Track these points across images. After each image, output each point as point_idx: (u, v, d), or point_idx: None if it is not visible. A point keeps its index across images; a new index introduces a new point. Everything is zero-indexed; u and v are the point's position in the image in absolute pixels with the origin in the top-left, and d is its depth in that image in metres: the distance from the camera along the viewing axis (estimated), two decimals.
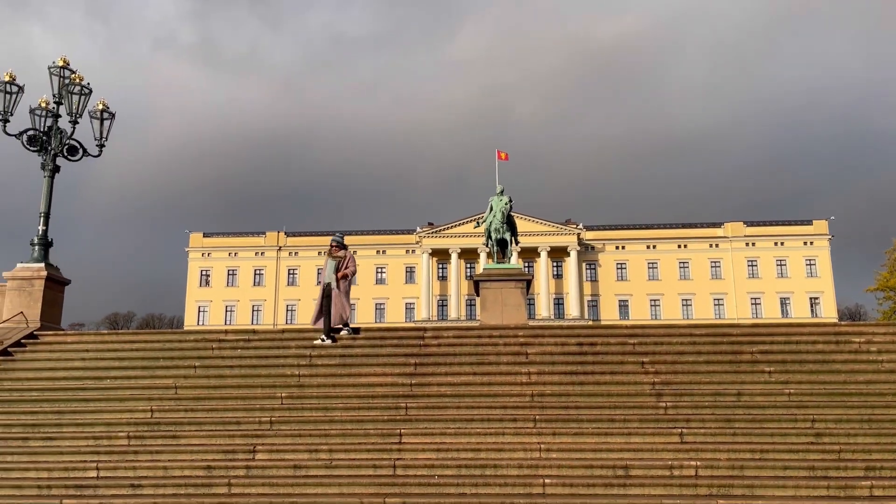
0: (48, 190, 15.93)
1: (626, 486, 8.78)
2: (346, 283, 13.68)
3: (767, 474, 8.98)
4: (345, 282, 13.64)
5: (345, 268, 13.64)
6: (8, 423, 11.03)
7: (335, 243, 13.96)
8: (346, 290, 13.71)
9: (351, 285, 14.11)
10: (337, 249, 13.85)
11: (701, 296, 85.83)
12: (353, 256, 14.01)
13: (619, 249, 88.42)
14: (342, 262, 13.69)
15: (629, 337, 13.33)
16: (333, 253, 13.86)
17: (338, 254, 13.79)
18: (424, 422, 10.56)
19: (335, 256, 13.78)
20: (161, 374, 12.45)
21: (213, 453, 9.94)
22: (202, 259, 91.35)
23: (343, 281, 13.59)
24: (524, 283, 22.56)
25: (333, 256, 13.81)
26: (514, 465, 9.35)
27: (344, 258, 13.74)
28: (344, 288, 13.66)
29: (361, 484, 9.08)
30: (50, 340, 14.23)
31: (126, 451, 10.11)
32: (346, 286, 13.74)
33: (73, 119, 15.91)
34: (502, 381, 11.86)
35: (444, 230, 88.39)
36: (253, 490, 9.08)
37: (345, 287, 13.68)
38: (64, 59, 16.02)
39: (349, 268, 13.70)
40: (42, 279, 15.23)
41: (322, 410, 11.00)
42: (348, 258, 13.81)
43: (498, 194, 24.31)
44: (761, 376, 11.67)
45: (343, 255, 13.79)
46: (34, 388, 12.26)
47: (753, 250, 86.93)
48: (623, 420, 10.37)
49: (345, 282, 13.64)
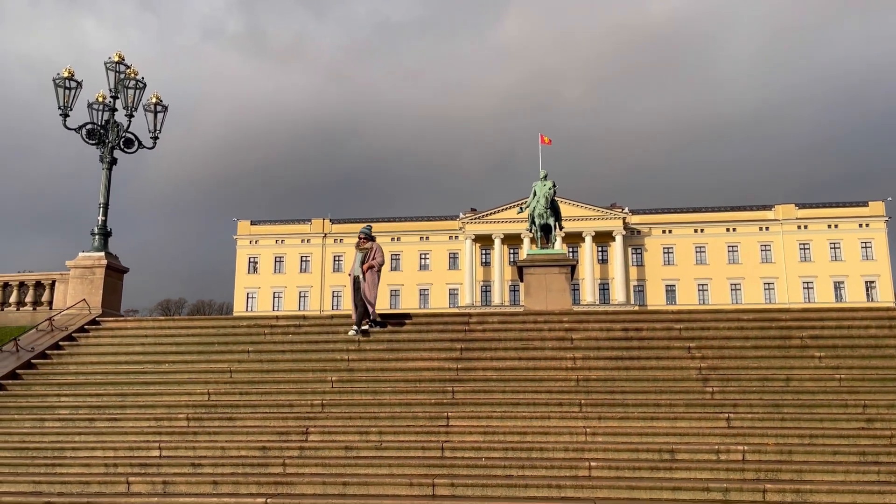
0: (106, 182, 16.57)
1: (672, 470, 8.83)
2: (372, 274, 13.42)
3: (816, 459, 8.93)
4: (371, 273, 13.39)
5: (371, 259, 13.42)
6: (75, 405, 11.62)
7: (363, 235, 13.75)
8: (372, 282, 13.41)
9: (380, 277, 13.75)
10: (364, 241, 13.62)
11: (750, 280, 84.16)
12: (380, 248, 13.74)
13: (666, 233, 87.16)
14: (369, 254, 13.48)
15: (675, 322, 13.29)
16: (361, 245, 13.64)
17: (365, 245, 13.57)
18: (471, 405, 10.75)
19: (362, 248, 13.57)
20: (216, 359, 12.91)
21: (267, 434, 10.31)
22: (250, 246, 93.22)
23: (370, 272, 13.36)
24: (568, 268, 22.56)
25: (361, 248, 13.60)
26: (559, 449, 9.48)
27: (371, 249, 13.52)
28: (371, 280, 13.39)
29: (410, 465, 9.33)
30: (111, 326, 14.86)
31: (186, 432, 10.55)
32: (374, 278, 13.46)
33: (129, 112, 16.50)
34: (547, 366, 11.97)
35: (487, 216, 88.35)
36: (306, 470, 9.40)
37: (371, 279, 13.40)
38: (119, 55, 16.59)
39: (376, 259, 13.45)
40: (103, 267, 15.89)
41: (371, 394, 11.29)
42: (375, 249, 13.56)
43: (541, 179, 24.28)
44: (811, 361, 11.54)
45: (370, 246, 13.56)
46: (98, 371, 12.85)
47: (805, 233, 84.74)
48: (669, 405, 10.40)
49: (371, 273, 13.39)
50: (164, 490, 9.11)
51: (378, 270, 13.55)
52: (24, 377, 12.72)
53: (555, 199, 24.18)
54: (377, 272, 13.53)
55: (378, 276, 13.61)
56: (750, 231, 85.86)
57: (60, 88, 16.02)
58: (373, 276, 13.43)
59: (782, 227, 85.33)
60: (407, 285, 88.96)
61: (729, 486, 8.34)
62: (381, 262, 13.54)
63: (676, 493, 8.33)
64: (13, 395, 12.15)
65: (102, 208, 16.58)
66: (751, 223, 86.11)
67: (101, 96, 16.63)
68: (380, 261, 13.52)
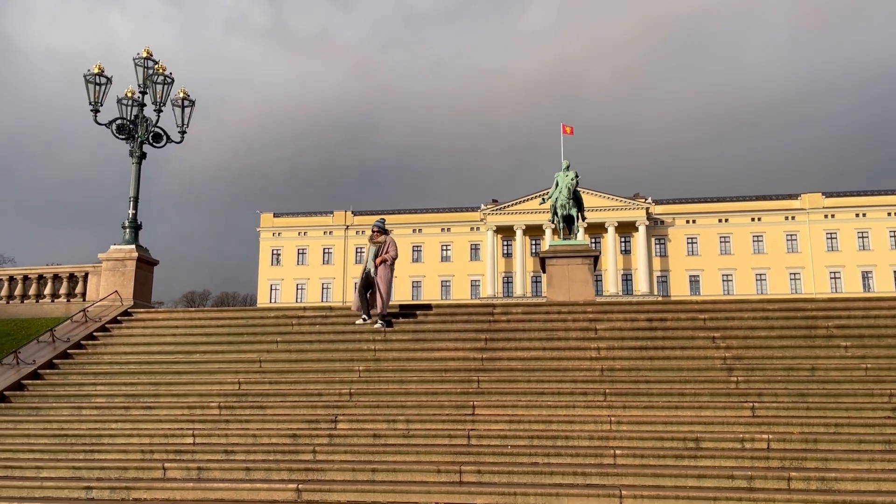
0: (136, 176, 16.90)
1: (697, 458, 8.91)
2: (385, 268, 13.21)
3: (841, 448, 8.96)
4: (384, 267, 13.19)
5: (384, 252, 13.22)
6: (111, 394, 11.95)
7: (376, 228, 13.56)
8: (385, 277, 13.19)
9: (393, 271, 13.59)
10: (378, 234, 13.44)
11: (776, 270, 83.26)
12: (393, 241, 13.49)
13: (690, 223, 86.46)
14: (382, 248, 13.27)
15: (700, 312, 13.32)
16: (374, 238, 13.43)
17: (378, 239, 13.38)
18: (496, 395, 10.90)
19: (376, 242, 13.37)
20: (246, 349, 13.19)
21: (297, 422, 10.55)
22: (273, 239, 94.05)
23: (383, 266, 13.17)
24: (591, 259, 22.58)
25: (374, 242, 13.39)
26: (584, 437, 9.60)
27: (384, 243, 13.31)
28: (383, 274, 13.18)
29: (437, 452, 9.50)
30: (143, 317, 15.21)
31: (218, 420, 10.82)
32: (387, 272, 13.24)
33: (158, 108, 16.80)
34: (572, 356, 12.08)
35: (509, 207, 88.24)
36: (336, 457, 9.61)
37: (384, 273, 13.19)
38: (147, 51, 16.87)
39: (389, 252, 13.23)
40: (134, 260, 16.24)
41: (398, 383, 11.48)
42: (388, 243, 13.32)
43: (564, 170, 24.27)
44: (837, 351, 11.52)
45: (384, 240, 13.36)
46: (132, 361, 13.19)
47: (832, 222, 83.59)
48: (693, 394, 10.46)
49: (384, 267, 13.19)
50: (198, 476, 9.38)
51: (391, 265, 13.34)
52: (60, 366, 13.10)
53: (577, 189, 24.15)
54: (390, 266, 13.34)
55: (391, 271, 13.41)
56: (775, 221, 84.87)
57: (91, 84, 16.36)
58: (386, 270, 13.21)
59: (809, 217, 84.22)
60: (429, 277, 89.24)
61: (753, 473, 8.40)
62: (394, 255, 13.33)
63: (701, 480, 8.41)
64: (51, 383, 12.52)
65: (132, 202, 16.92)
66: (776, 212, 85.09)
67: (129, 91, 16.94)
68: (393, 254, 13.30)
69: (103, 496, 9.05)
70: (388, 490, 8.63)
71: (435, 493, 8.49)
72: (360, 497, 8.57)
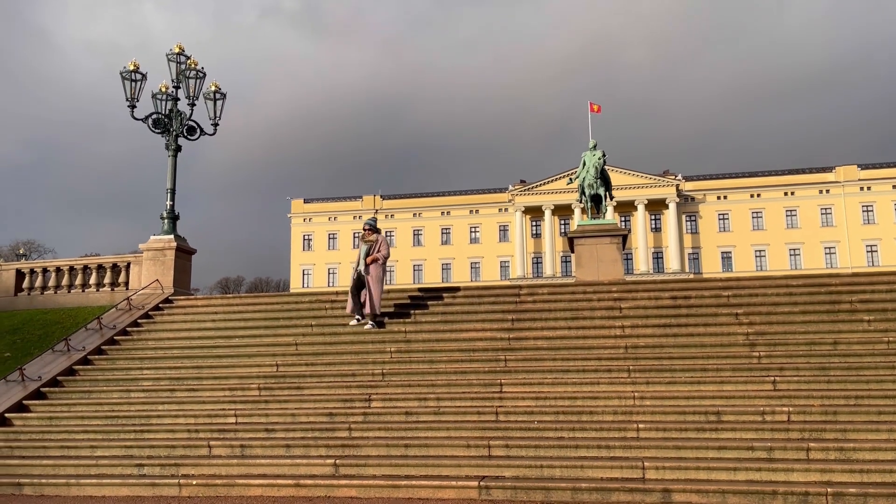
0: (173, 168, 17.52)
1: (718, 431, 9.19)
2: (377, 267, 13.02)
3: (861, 419, 9.16)
4: (376, 266, 12.99)
5: (376, 251, 13.04)
6: (157, 378, 12.59)
7: (367, 227, 13.34)
8: (377, 276, 12.99)
9: (384, 271, 13.43)
10: (369, 233, 13.26)
11: (810, 245, 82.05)
12: (385, 240, 13.31)
13: (721, 199, 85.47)
14: (374, 246, 13.10)
15: (723, 289, 13.51)
16: (366, 237, 13.22)
17: (370, 237, 13.19)
18: (523, 373, 11.28)
19: (367, 240, 13.17)
20: (282, 333, 13.74)
21: (333, 402, 11.05)
22: (304, 224, 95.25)
23: (374, 265, 12.98)
24: (620, 238, 22.71)
25: (366, 240, 13.19)
26: (609, 412, 9.93)
27: (376, 242, 13.12)
28: (375, 273, 12.98)
29: (467, 428, 9.92)
30: (183, 304, 15.86)
31: (258, 401, 11.38)
32: (378, 271, 13.04)
33: (191, 101, 17.35)
34: (596, 334, 12.39)
35: (537, 187, 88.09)
36: (370, 434, 10.10)
37: (376, 272, 12.99)
38: (179, 46, 17.40)
39: (381, 251, 13.05)
40: (173, 249, 16.89)
41: (427, 363, 11.91)
42: (380, 242, 13.14)
43: (591, 149, 24.38)
44: (860, 325, 11.66)
45: (375, 238, 13.17)
46: (174, 346, 13.83)
47: (869, 195, 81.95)
48: (716, 369, 10.71)
49: (376, 266, 12.99)
50: (242, 453, 9.94)
51: (383, 264, 13.19)
52: (108, 352, 13.79)
53: (605, 168, 24.26)
54: (382, 265, 13.17)
55: (383, 270, 13.25)
56: (809, 194, 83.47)
57: (127, 81, 16.95)
58: (377, 269, 13.02)
59: (844, 190, 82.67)
60: (458, 259, 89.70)
61: (773, 445, 8.66)
62: (385, 254, 13.16)
63: (721, 451, 8.70)
64: (100, 368, 13.21)
65: (170, 193, 17.54)
66: (810, 186, 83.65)
67: (163, 87, 17.51)
68: (385, 253, 13.14)
69: (154, 472, 9.65)
70: (421, 464, 9.08)
71: (465, 467, 8.92)
72: (395, 471, 9.04)
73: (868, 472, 7.96)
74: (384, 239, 13.37)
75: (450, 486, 8.47)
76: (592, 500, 8.06)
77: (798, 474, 8.07)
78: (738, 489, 7.83)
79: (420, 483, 8.60)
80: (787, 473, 8.11)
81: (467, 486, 8.40)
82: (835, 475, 7.99)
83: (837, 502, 7.52)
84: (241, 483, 9.08)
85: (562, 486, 8.26)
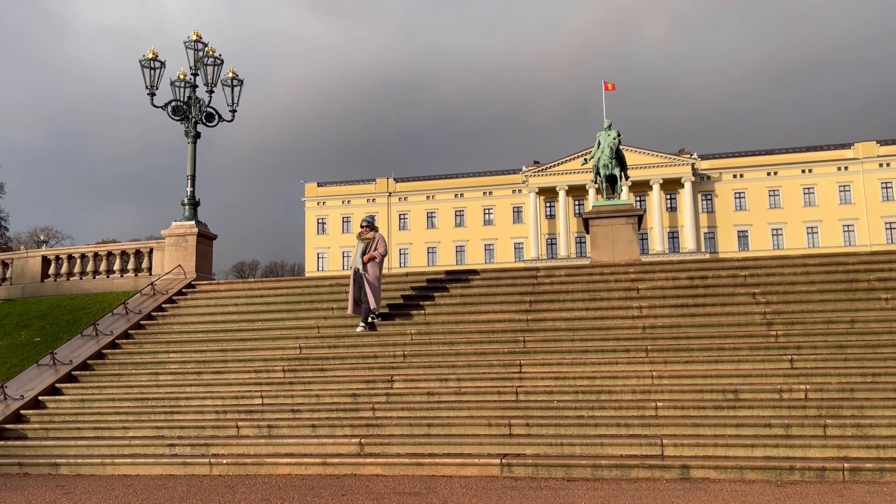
0: (192, 155, 17.74)
1: (736, 409, 9.34)
2: (374, 265, 12.90)
3: (878, 396, 9.28)
4: (373, 264, 12.87)
5: (372, 250, 12.92)
6: (183, 361, 12.90)
7: (365, 224, 13.24)
8: (375, 274, 12.87)
9: (381, 269, 13.22)
10: (367, 230, 13.13)
11: (828, 223, 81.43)
12: (382, 238, 13.21)
13: (737, 178, 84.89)
14: (371, 244, 12.99)
15: (740, 269, 13.58)
16: (363, 234, 13.09)
17: (367, 235, 13.05)
18: (542, 353, 11.46)
19: (364, 238, 13.04)
20: (304, 316, 13.99)
21: (356, 383, 11.31)
22: (318, 208, 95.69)
23: (371, 263, 12.85)
24: (635, 218, 22.72)
25: (363, 238, 13.06)
26: (627, 391, 10.11)
27: (373, 240, 13.01)
28: (373, 271, 12.85)
29: (487, 408, 10.14)
30: (206, 289, 16.15)
31: (283, 382, 11.65)
32: (375, 269, 12.91)
33: (210, 88, 17.52)
34: (614, 315, 12.54)
35: (551, 168, 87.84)
36: (394, 414, 10.34)
37: (373, 270, 12.86)
38: (197, 34, 17.54)
39: (378, 249, 12.95)
40: (194, 235, 17.17)
41: (448, 345, 12.12)
42: (378, 240, 13.04)
43: (605, 129, 24.32)
44: (877, 303, 11.72)
45: (372, 236, 13.05)
46: (199, 330, 14.13)
47: (888, 171, 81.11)
48: (733, 348, 10.84)
49: (373, 264, 12.87)
50: (269, 433, 10.22)
51: (380, 262, 13.09)
52: (135, 336, 14.12)
53: (619, 148, 24.18)
54: (379, 263, 13.06)
55: (380, 269, 13.15)
56: (827, 172, 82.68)
57: (146, 69, 17.15)
58: (374, 267, 12.93)
59: (862, 166, 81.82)
60: (472, 241, 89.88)
61: (790, 422, 8.81)
62: (383, 252, 13.05)
63: (739, 429, 8.86)
64: (128, 352, 13.55)
65: (190, 179, 17.78)
66: (828, 163, 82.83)
67: (182, 74, 17.68)
68: (382, 251, 13.02)
69: (185, 452, 9.95)
70: (443, 443, 9.31)
71: (486, 445, 9.14)
72: (418, 449, 9.27)
73: (885, 448, 8.10)
74: (382, 237, 13.30)
75: (472, 463, 8.70)
76: (612, 477, 8.26)
77: (815, 450, 8.23)
78: (755, 465, 8.00)
79: (443, 461, 8.83)
80: (805, 450, 8.27)
81: (489, 464, 8.62)
82: (851, 451, 8.14)
83: (854, 477, 7.68)
84: (270, 462, 9.37)
85: (582, 463, 8.46)
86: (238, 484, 8.70)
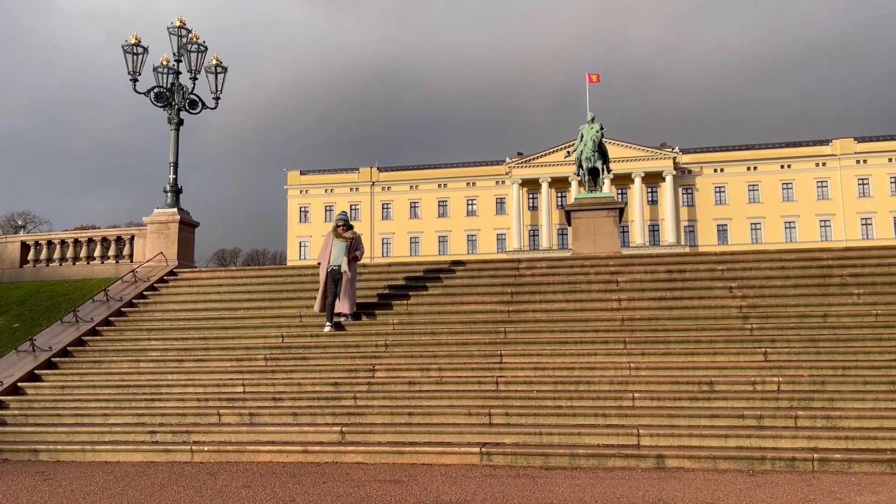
0: (175, 142, 17.64)
1: (711, 399, 9.56)
2: (355, 265, 12.97)
3: (848, 389, 9.54)
4: (354, 265, 12.92)
5: (356, 250, 12.85)
6: (165, 348, 12.90)
7: (341, 222, 13.00)
8: (355, 275, 12.99)
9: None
10: (344, 229, 12.94)
11: (806, 218, 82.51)
12: (359, 237, 13.21)
13: (718, 172, 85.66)
14: (352, 244, 12.85)
15: (718, 263, 13.82)
16: (342, 233, 12.88)
17: (346, 234, 12.90)
18: (522, 344, 11.61)
19: (344, 237, 12.85)
20: (286, 305, 14.04)
21: (338, 372, 11.39)
22: (300, 196, 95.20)
23: (353, 264, 12.88)
24: (616, 211, 22.88)
25: (343, 237, 12.85)
26: (605, 382, 10.29)
27: (354, 239, 12.94)
28: (354, 272, 12.92)
29: (468, 397, 10.27)
30: (188, 277, 16.12)
31: (265, 371, 11.71)
32: (355, 269, 13.03)
33: (193, 75, 17.40)
34: (594, 307, 12.72)
35: (534, 160, 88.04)
36: (375, 402, 10.44)
37: (354, 271, 12.93)
38: (180, 20, 17.40)
39: (361, 250, 12.98)
40: (177, 222, 17.10)
41: (429, 335, 12.23)
42: (358, 239, 13.05)
43: (589, 122, 24.42)
44: (849, 298, 12.00)
45: (352, 235, 12.99)
46: (181, 318, 14.12)
47: (865, 168, 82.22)
48: (709, 341, 11.05)
49: (354, 265, 12.92)
50: (250, 421, 10.28)
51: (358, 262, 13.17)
52: (116, 324, 14.08)
53: (602, 141, 24.35)
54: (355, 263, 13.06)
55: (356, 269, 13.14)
56: (806, 167, 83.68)
57: (129, 55, 17.00)
58: (355, 267, 13.02)
59: (840, 163, 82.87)
60: (454, 231, 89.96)
61: (763, 413, 9.04)
62: (362, 252, 13.11)
63: (713, 420, 9.08)
64: (109, 339, 13.51)
65: (172, 167, 17.69)
66: (806, 159, 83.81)
67: (165, 60, 17.55)
68: (362, 251, 13.10)
69: (167, 439, 9.98)
70: (424, 431, 9.43)
71: (467, 434, 9.27)
72: (399, 438, 9.39)
73: (853, 440, 8.34)
74: (359, 236, 13.24)
75: (452, 451, 8.83)
76: (589, 466, 8.43)
77: (786, 441, 8.45)
78: (728, 455, 8.20)
79: (424, 449, 8.95)
80: (776, 440, 8.49)
81: (469, 452, 8.76)
82: (821, 442, 8.38)
83: (823, 467, 7.91)
84: (251, 449, 9.43)
85: (560, 452, 8.62)
86: (219, 471, 8.76)
